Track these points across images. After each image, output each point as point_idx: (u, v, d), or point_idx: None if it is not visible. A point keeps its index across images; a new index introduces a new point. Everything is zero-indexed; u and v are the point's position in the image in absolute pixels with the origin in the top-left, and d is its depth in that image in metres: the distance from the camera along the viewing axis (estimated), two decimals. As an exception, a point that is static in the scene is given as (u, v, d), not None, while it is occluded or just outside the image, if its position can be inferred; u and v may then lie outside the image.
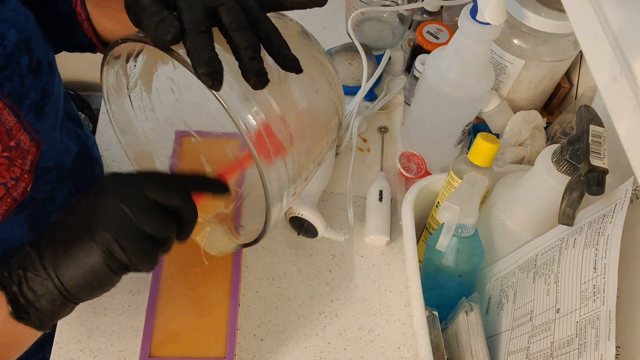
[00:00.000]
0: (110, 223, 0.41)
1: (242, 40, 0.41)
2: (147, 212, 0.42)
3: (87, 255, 0.41)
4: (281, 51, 0.43)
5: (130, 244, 0.41)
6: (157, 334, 0.57)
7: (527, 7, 0.69)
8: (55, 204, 0.62)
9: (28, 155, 0.55)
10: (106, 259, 0.41)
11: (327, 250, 0.72)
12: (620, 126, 0.31)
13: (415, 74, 0.80)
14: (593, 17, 0.33)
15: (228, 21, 0.42)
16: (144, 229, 0.41)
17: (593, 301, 0.47)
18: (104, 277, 0.42)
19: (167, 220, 0.43)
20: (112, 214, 0.41)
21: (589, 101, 0.74)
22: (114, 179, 0.44)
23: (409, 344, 0.66)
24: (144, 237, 0.41)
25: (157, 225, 0.42)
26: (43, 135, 0.57)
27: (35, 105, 0.55)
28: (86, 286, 0.42)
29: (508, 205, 0.62)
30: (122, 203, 0.41)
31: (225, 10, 0.42)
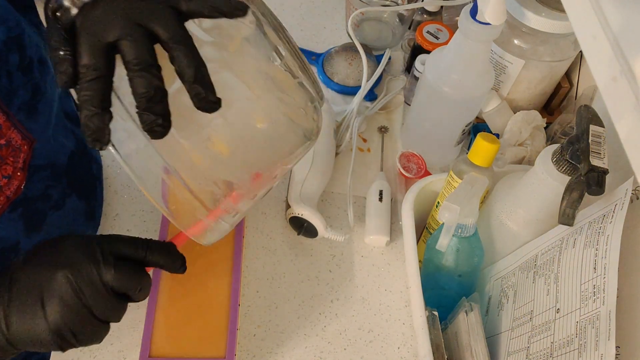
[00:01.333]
0: (64, 308, 0.41)
1: (137, 86, 0.37)
2: (100, 300, 0.42)
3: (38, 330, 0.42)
4: (192, 89, 0.38)
5: (80, 329, 0.42)
6: (157, 334, 0.57)
7: (527, 7, 0.69)
8: (50, 202, 0.61)
9: (20, 153, 0.54)
10: (55, 340, 0.42)
11: (327, 250, 0.72)
12: (620, 126, 0.31)
13: (415, 74, 0.80)
14: (593, 17, 0.33)
15: (128, 59, 0.37)
16: (96, 315, 0.43)
17: (593, 301, 0.47)
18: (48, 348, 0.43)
19: (118, 306, 0.44)
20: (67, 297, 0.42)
21: (589, 101, 0.74)
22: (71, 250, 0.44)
23: (409, 344, 0.66)
24: (94, 322, 0.43)
25: (109, 312, 0.43)
26: (35, 133, 0.56)
27: (26, 103, 0.54)
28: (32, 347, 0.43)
29: (508, 205, 0.62)
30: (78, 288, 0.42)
31: (124, 46, 0.37)
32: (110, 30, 0.38)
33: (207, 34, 0.43)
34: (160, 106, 0.38)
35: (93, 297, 0.42)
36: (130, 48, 0.37)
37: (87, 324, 0.43)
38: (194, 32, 0.41)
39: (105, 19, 0.38)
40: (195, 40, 0.40)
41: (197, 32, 0.42)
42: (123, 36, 0.37)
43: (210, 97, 0.39)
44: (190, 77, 0.38)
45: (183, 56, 0.38)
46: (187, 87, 0.39)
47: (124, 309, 0.45)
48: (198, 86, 0.38)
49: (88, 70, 0.37)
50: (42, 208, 0.61)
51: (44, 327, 0.42)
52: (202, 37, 0.42)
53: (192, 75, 0.38)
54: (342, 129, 0.80)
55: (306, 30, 0.95)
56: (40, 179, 0.59)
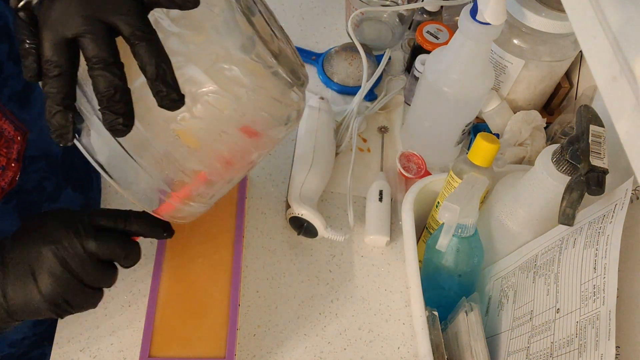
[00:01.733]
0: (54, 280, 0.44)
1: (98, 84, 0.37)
2: (89, 268, 0.45)
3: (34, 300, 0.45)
4: (154, 87, 0.38)
5: (73, 298, 0.46)
6: (157, 334, 0.57)
7: (527, 7, 0.69)
8: (44, 193, 0.61)
9: (13, 144, 0.53)
10: (52, 308, 0.45)
11: (327, 250, 0.72)
12: (620, 126, 0.31)
13: (415, 74, 0.80)
14: (593, 17, 0.33)
15: (88, 56, 0.37)
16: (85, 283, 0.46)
17: (593, 301, 0.47)
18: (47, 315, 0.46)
19: (105, 272, 0.47)
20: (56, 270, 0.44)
21: (589, 101, 0.74)
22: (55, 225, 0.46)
23: (409, 344, 0.66)
24: (85, 290, 0.46)
25: (97, 279, 0.46)
26: (28, 125, 0.55)
27: (18, 93, 0.54)
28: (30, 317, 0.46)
29: (508, 205, 0.62)
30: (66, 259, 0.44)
31: (84, 43, 0.37)
32: (70, 26, 0.37)
33: (174, 24, 0.41)
34: (121, 105, 0.38)
35: (80, 267, 0.45)
36: (90, 45, 0.37)
37: (78, 292, 0.45)
38: (161, 23, 0.40)
39: (64, 13, 0.37)
40: (162, 31, 0.39)
41: (164, 22, 0.41)
42: (82, 33, 0.37)
43: (172, 95, 0.38)
44: (152, 74, 0.37)
45: (144, 52, 0.37)
46: (149, 84, 0.38)
47: (113, 275, 0.47)
48: (160, 84, 0.38)
49: (50, 66, 0.37)
50: (37, 200, 0.60)
51: (39, 299, 0.44)
52: (168, 27, 0.41)
53: (154, 73, 0.37)
54: (342, 129, 0.80)
55: (306, 30, 0.95)
56: (36, 170, 0.59)
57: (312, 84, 0.88)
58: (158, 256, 0.61)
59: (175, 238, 0.63)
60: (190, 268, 0.61)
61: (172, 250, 0.62)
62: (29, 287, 0.44)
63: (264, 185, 0.77)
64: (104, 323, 0.64)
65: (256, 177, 0.77)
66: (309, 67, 0.89)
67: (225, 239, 0.63)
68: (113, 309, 0.65)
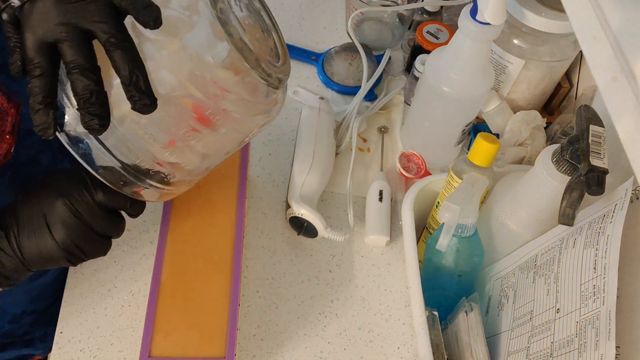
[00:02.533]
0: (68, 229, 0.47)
1: (76, 87, 0.39)
2: (99, 217, 0.48)
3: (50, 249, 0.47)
4: (127, 91, 0.40)
5: (86, 246, 0.48)
6: (157, 334, 0.57)
7: (527, 7, 0.69)
8: (39, 167, 0.61)
9: (7, 116, 0.54)
10: (67, 256, 0.48)
11: (327, 250, 0.72)
12: (620, 126, 0.31)
13: (415, 74, 0.80)
14: (593, 17, 0.33)
15: (65, 61, 0.39)
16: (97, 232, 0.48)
17: (593, 301, 0.47)
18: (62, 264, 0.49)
19: (114, 220, 0.49)
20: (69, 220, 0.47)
21: (589, 101, 0.74)
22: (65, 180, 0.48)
23: (409, 344, 0.66)
24: (96, 238, 0.48)
25: (107, 227, 0.49)
26: (22, 97, 0.56)
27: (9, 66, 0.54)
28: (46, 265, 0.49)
29: (508, 205, 0.62)
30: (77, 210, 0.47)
31: (62, 49, 0.39)
32: (49, 31, 0.39)
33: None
34: (97, 107, 0.40)
35: (90, 216, 0.47)
36: (67, 51, 0.39)
37: (90, 239, 0.48)
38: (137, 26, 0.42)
39: (43, 19, 0.39)
40: (138, 35, 0.41)
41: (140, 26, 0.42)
42: (60, 39, 0.39)
43: (144, 100, 0.40)
44: (126, 80, 0.40)
45: (119, 59, 0.39)
46: (124, 88, 0.40)
47: (121, 224, 0.50)
48: (133, 89, 0.40)
49: (32, 66, 0.40)
50: (32, 173, 0.61)
51: (54, 247, 0.47)
52: (144, 32, 0.42)
53: (128, 78, 0.39)
54: (342, 129, 0.80)
55: (306, 30, 0.95)
56: (32, 144, 0.59)
57: (312, 84, 0.88)
58: (158, 256, 0.61)
59: (176, 238, 0.63)
60: (190, 268, 0.61)
61: (173, 250, 0.62)
62: (44, 237, 0.47)
63: (264, 185, 0.77)
64: (104, 323, 0.64)
65: (256, 177, 0.77)
66: (309, 67, 0.89)
67: (225, 239, 0.63)
68: (113, 309, 0.65)
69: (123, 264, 0.68)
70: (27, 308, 0.69)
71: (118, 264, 0.68)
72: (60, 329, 0.63)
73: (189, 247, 0.62)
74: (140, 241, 0.70)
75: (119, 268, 0.68)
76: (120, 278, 0.67)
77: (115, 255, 0.69)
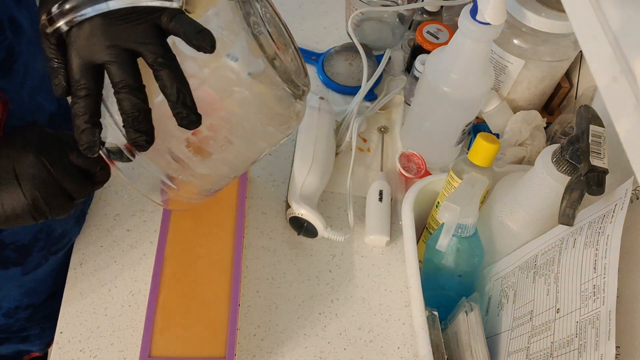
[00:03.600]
0: (38, 182, 0.47)
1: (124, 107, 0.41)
2: (69, 175, 0.48)
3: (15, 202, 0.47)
4: (175, 108, 0.42)
5: (53, 201, 0.48)
6: (157, 334, 0.57)
7: (527, 7, 0.69)
8: None
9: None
10: (31, 211, 0.47)
11: (327, 250, 0.72)
12: (620, 126, 0.31)
13: (415, 74, 0.80)
14: (593, 17, 0.33)
15: (114, 81, 0.41)
16: (65, 189, 0.48)
17: (593, 301, 0.47)
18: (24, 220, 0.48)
19: (84, 182, 0.49)
20: (40, 173, 0.47)
21: (589, 101, 0.74)
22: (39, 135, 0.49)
23: (409, 344, 0.66)
24: (64, 195, 0.48)
25: (76, 187, 0.48)
26: (10, 94, 0.56)
27: (1, 63, 0.54)
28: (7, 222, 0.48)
29: (508, 205, 0.62)
30: (49, 164, 0.47)
31: (111, 70, 0.41)
32: (97, 54, 0.41)
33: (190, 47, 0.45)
34: (144, 124, 0.42)
35: (62, 173, 0.47)
36: (116, 72, 0.41)
37: (58, 196, 0.48)
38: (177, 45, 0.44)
39: (92, 42, 0.41)
40: (179, 54, 0.42)
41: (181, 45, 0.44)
42: (109, 61, 0.41)
43: (191, 116, 0.42)
44: (173, 98, 0.41)
45: (166, 78, 0.41)
46: (170, 106, 0.42)
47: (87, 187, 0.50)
48: (180, 107, 0.42)
49: (78, 87, 0.41)
50: None
51: (21, 200, 0.46)
52: (185, 51, 0.44)
53: (175, 96, 0.41)
54: (342, 129, 0.80)
55: (306, 30, 0.95)
56: None
57: (312, 84, 0.88)
58: (158, 256, 0.62)
59: (176, 238, 0.63)
60: (190, 268, 0.61)
61: (172, 250, 0.62)
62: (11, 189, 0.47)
63: (264, 185, 0.77)
64: (104, 323, 0.64)
65: (256, 177, 0.77)
66: (309, 67, 0.89)
67: (225, 239, 0.63)
68: (113, 309, 0.65)
69: (123, 264, 0.68)
70: (22, 302, 0.69)
71: (118, 264, 0.68)
72: (60, 329, 0.63)
73: (189, 247, 0.62)
74: (140, 241, 0.70)
75: (119, 268, 0.68)
76: (120, 278, 0.67)
77: (115, 255, 0.69)
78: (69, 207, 0.50)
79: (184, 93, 0.41)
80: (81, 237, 0.69)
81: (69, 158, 0.48)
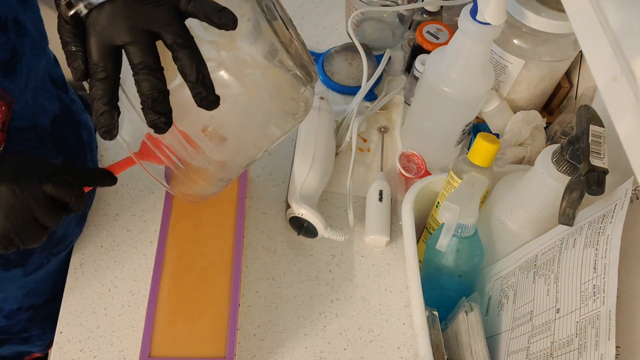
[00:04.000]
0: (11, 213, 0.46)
1: (143, 88, 0.41)
2: (42, 207, 0.47)
3: None
4: (194, 89, 0.42)
5: (25, 232, 0.47)
6: (157, 334, 0.57)
7: (527, 7, 0.69)
8: None
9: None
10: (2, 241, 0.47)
11: (327, 250, 0.72)
12: (620, 126, 0.31)
13: (415, 74, 0.80)
14: (593, 17, 0.33)
15: (134, 62, 0.41)
16: (39, 220, 0.47)
17: (593, 301, 0.47)
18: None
19: (58, 213, 0.49)
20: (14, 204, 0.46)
21: (589, 101, 0.74)
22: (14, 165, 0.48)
23: (409, 344, 0.66)
24: (36, 226, 0.48)
25: (50, 218, 0.48)
26: (14, 95, 0.56)
27: (4, 63, 0.54)
28: None
29: (508, 205, 0.62)
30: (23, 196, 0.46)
31: (131, 51, 0.41)
32: (117, 35, 0.41)
33: (207, 31, 0.45)
34: (163, 106, 0.42)
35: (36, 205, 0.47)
36: (136, 53, 0.41)
37: (30, 227, 0.47)
38: (194, 29, 0.44)
39: (112, 24, 0.41)
40: (196, 37, 0.43)
41: (198, 29, 0.44)
42: (130, 42, 0.41)
43: (210, 96, 0.42)
44: (193, 78, 0.41)
45: (186, 58, 0.41)
46: (190, 86, 0.42)
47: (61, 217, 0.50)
48: (199, 87, 0.42)
49: (97, 69, 0.41)
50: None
51: None
52: (202, 35, 0.44)
53: (194, 77, 0.41)
54: (342, 129, 0.80)
55: (306, 30, 0.95)
56: (24, 141, 0.59)
57: (312, 84, 0.88)
58: (158, 256, 0.62)
59: (176, 238, 0.63)
60: (190, 268, 0.61)
61: (172, 251, 0.62)
62: None
63: (264, 185, 0.77)
64: (104, 323, 0.64)
65: (256, 177, 0.77)
66: (309, 67, 0.89)
67: (225, 239, 0.63)
68: (113, 309, 0.65)
69: (123, 264, 0.68)
70: (23, 304, 0.69)
71: (118, 264, 0.68)
72: (60, 329, 0.63)
73: (189, 247, 0.62)
74: (140, 241, 0.70)
75: (119, 268, 0.68)
76: (120, 278, 0.67)
77: (115, 255, 0.69)
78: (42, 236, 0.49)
79: (203, 73, 0.42)
80: (81, 237, 0.70)
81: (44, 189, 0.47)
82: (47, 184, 0.48)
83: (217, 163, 0.51)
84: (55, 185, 0.48)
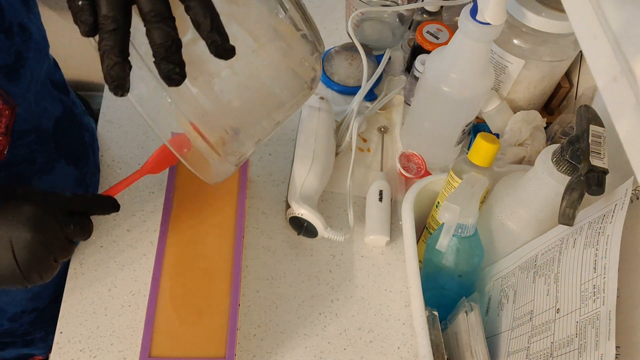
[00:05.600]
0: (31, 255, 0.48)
1: (155, 37, 0.40)
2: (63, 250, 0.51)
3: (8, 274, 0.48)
4: (209, 37, 0.41)
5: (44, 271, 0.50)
6: (157, 334, 0.57)
7: (527, 7, 0.69)
8: (35, 166, 0.62)
9: (2, 117, 0.54)
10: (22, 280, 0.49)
11: (327, 250, 0.72)
12: (620, 126, 0.31)
13: (415, 74, 0.80)
14: (593, 17, 0.33)
15: (145, 11, 0.40)
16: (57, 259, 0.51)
17: (593, 301, 0.47)
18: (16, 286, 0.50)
19: (71, 249, 0.52)
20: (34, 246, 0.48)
21: (589, 101, 0.74)
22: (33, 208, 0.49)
23: (409, 344, 0.66)
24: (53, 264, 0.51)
25: (65, 254, 0.51)
26: (17, 98, 0.56)
27: (8, 67, 0.54)
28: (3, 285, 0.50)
29: (508, 205, 0.62)
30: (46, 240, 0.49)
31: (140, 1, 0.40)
32: None
33: None
34: (177, 56, 0.40)
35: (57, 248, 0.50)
36: (147, 1, 0.39)
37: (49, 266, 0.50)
38: None
39: None
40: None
41: None
42: None
43: (226, 45, 0.41)
44: (207, 26, 0.40)
45: (199, 6, 0.40)
46: (204, 35, 0.41)
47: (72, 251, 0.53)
48: (215, 34, 0.41)
49: (107, 21, 0.39)
50: (26, 172, 0.61)
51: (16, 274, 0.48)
52: None
53: (209, 24, 0.40)
54: (342, 129, 0.80)
55: (306, 30, 0.95)
56: (26, 144, 0.60)
57: (312, 84, 0.88)
58: (158, 256, 0.62)
59: (176, 238, 0.63)
60: (190, 268, 0.61)
61: (173, 250, 0.62)
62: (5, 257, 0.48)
63: (264, 185, 0.77)
64: (104, 323, 0.64)
65: (257, 177, 0.77)
66: (309, 67, 0.90)
67: (225, 239, 0.63)
68: (113, 309, 0.65)
69: (123, 264, 0.68)
70: (27, 307, 0.69)
71: (118, 264, 0.68)
72: (60, 329, 0.63)
73: (189, 247, 0.62)
74: (140, 241, 0.70)
75: (119, 268, 0.68)
76: (120, 278, 0.67)
77: (115, 255, 0.69)
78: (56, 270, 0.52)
79: (217, 22, 0.41)
80: (81, 237, 0.70)
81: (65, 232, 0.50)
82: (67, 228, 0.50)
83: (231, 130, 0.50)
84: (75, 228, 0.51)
